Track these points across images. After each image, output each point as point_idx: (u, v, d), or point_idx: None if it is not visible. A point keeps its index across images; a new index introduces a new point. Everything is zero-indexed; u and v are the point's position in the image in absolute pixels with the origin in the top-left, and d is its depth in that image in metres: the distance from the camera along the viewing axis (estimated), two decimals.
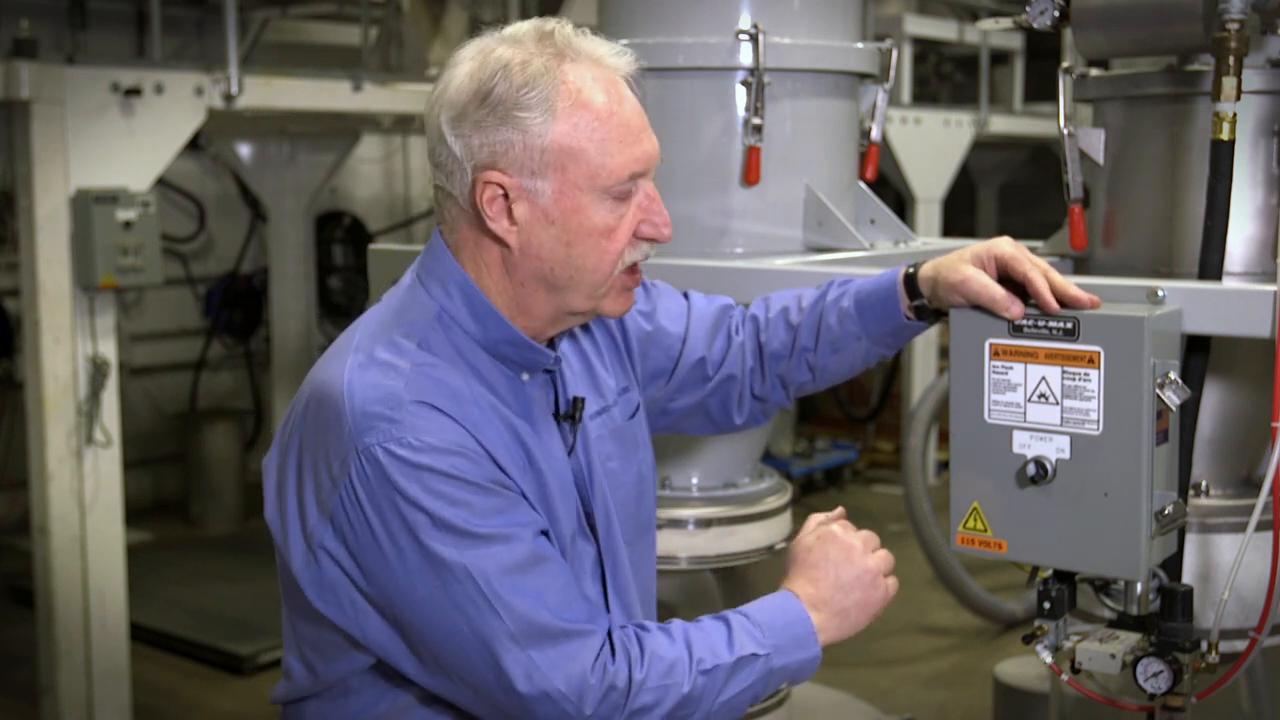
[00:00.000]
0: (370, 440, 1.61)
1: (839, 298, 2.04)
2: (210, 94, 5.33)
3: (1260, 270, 2.45)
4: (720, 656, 1.71)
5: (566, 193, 1.68)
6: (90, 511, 5.10)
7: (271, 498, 1.76)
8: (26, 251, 5.00)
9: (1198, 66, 2.43)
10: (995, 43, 9.32)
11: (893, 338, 2.04)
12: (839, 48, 3.00)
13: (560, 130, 1.67)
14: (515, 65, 1.67)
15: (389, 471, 1.61)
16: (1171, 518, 1.90)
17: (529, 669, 1.62)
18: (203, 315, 9.12)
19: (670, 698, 1.67)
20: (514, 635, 1.61)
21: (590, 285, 1.73)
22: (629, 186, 1.71)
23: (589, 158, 1.68)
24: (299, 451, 1.71)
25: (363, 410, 1.63)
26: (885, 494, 9.13)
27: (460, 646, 1.63)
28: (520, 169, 1.68)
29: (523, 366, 1.77)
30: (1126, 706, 2.35)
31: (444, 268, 1.76)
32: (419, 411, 1.63)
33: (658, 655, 1.69)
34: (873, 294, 2.02)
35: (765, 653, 1.73)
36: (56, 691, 5.11)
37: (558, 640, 1.63)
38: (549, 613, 1.63)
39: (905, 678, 5.93)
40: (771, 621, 1.76)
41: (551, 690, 1.62)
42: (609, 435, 1.90)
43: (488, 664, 1.62)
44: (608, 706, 1.65)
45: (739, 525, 3.19)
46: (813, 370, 2.08)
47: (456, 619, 1.62)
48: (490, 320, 1.74)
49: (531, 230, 1.70)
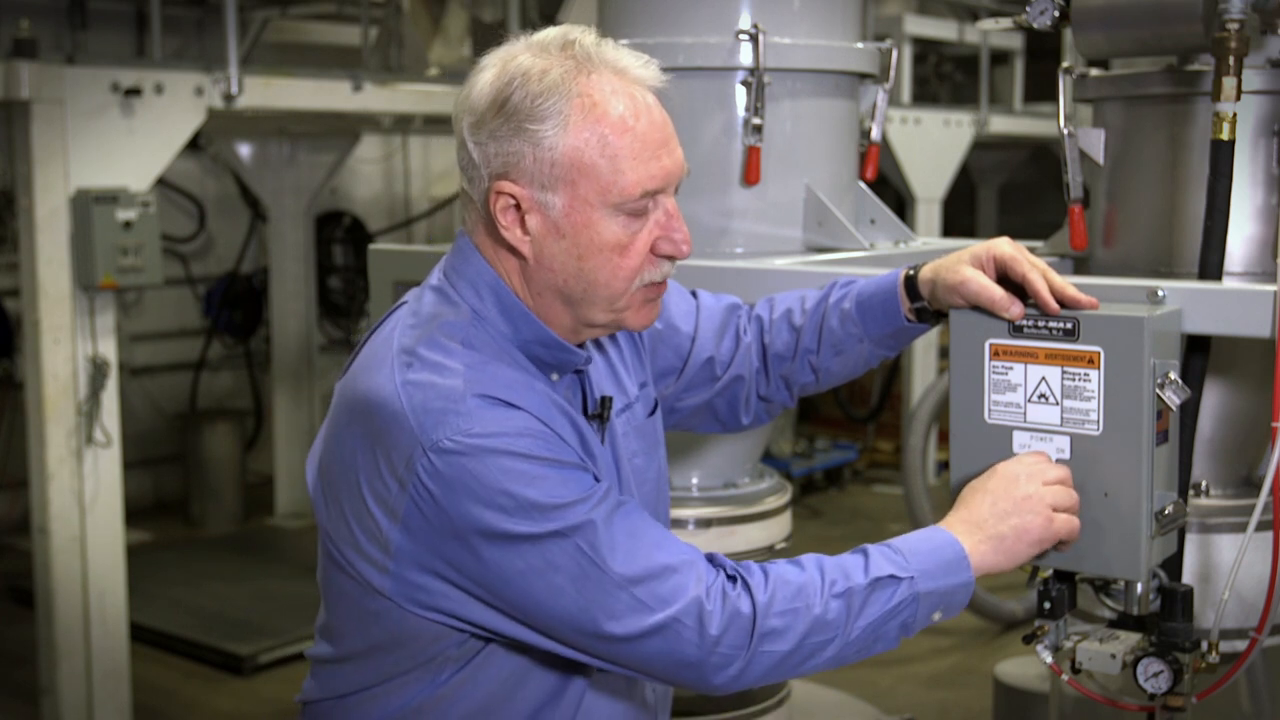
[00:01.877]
0: (438, 435, 1.60)
1: (841, 299, 2.05)
2: (210, 94, 5.33)
3: (1260, 270, 2.45)
4: (854, 579, 1.66)
5: (577, 207, 1.66)
6: (90, 511, 5.10)
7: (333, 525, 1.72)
8: (26, 251, 5.00)
9: (1198, 66, 2.43)
10: (995, 43, 9.32)
11: (894, 339, 2.04)
12: (839, 48, 3.00)
13: (572, 144, 1.64)
14: (534, 74, 1.65)
15: (463, 461, 1.59)
16: (1171, 518, 1.90)
17: (639, 608, 1.60)
18: (203, 315, 9.12)
19: (801, 621, 1.63)
20: (617, 582, 1.60)
21: (606, 300, 1.71)
22: (643, 204, 1.68)
23: (600, 173, 1.65)
24: (346, 468, 1.68)
25: (424, 408, 1.62)
26: (885, 494, 9.13)
27: (566, 609, 1.61)
28: (531, 181, 1.66)
29: (553, 367, 1.76)
30: (1126, 706, 2.35)
31: (474, 269, 1.75)
32: (482, 404, 1.62)
33: (783, 579, 1.65)
34: (874, 296, 2.02)
35: (908, 575, 1.68)
36: (56, 691, 5.11)
37: (661, 575, 1.61)
38: (648, 551, 1.62)
39: (905, 678, 5.93)
40: (916, 547, 1.72)
41: (666, 620, 1.60)
42: (633, 432, 1.90)
43: (596, 615, 1.61)
44: (735, 632, 1.62)
45: (739, 525, 3.19)
46: (815, 371, 2.08)
47: (560, 581, 1.60)
48: (522, 321, 1.73)
49: (544, 242, 1.69)
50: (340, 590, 1.75)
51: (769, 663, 1.65)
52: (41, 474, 5.03)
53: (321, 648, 1.84)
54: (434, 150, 9.65)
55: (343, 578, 1.74)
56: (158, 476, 8.87)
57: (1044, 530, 1.77)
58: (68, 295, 5.01)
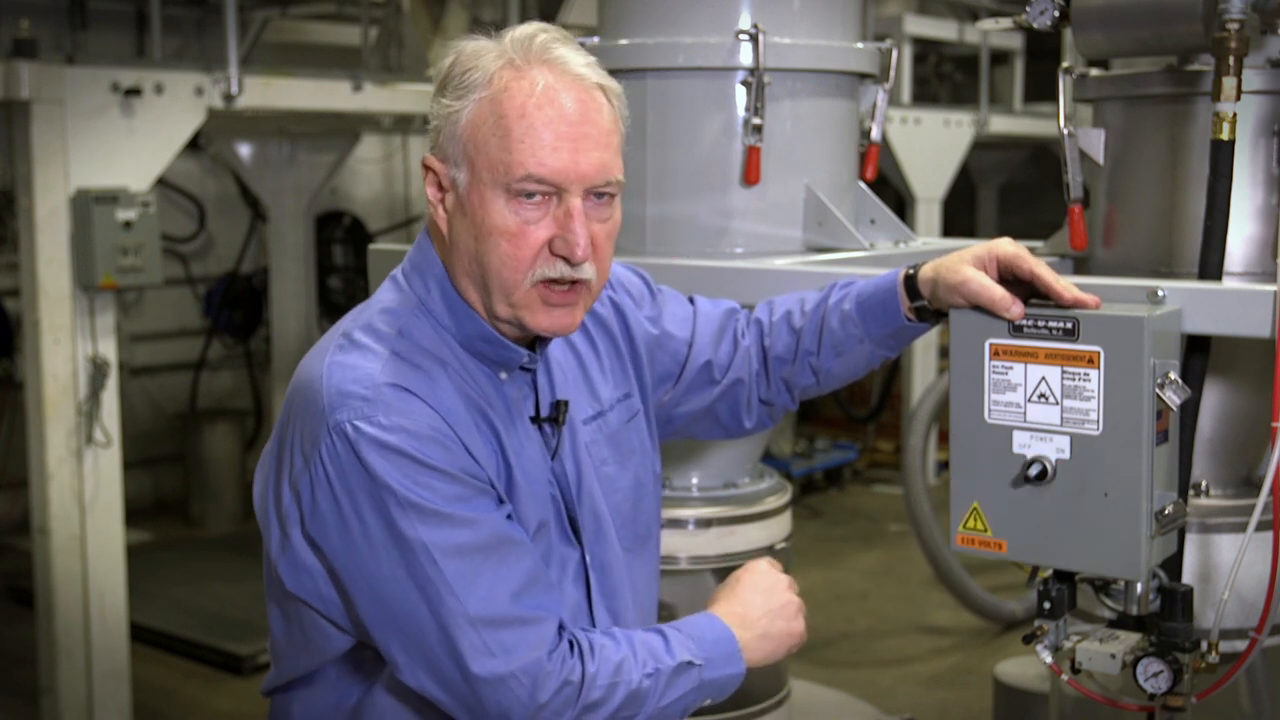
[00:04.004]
0: (341, 417, 1.63)
1: (840, 300, 2.05)
2: (210, 94, 5.33)
3: (1260, 270, 2.45)
4: (662, 661, 1.72)
5: (474, 186, 1.69)
6: (90, 511, 5.10)
7: (258, 489, 1.77)
8: (26, 251, 5.00)
9: (1198, 66, 2.43)
10: (995, 43, 9.32)
11: (894, 339, 2.04)
12: (839, 48, 3.00)
13: (473, 120, 1.68)
14: (469, 53, 1.70)
15: (358, 447, 1.61)
16: (1171, 518, 1.90)
17: (483, 651, 1.62)
18: (203, 315, 9.12)
19: (618, 695, 1.68)
20: (470, 618, 1.62)
21: (501, 290, 1.70)
22: (529, 188, 1.66)
23: (490, 150, 1.67)
24: (279, 441, 1.73)
25: (338, 389, 1.64)
26: (885, 494, 9.13)
27: (418, 626, 1.63)
28: (446, 156, 1.71)
29: (499, 364, 1.77)
30: (1126, 706, 2.35)
31: (426, 261, 1.78)
32: (393, 394, 1.64)
33: (606, 653, 1.70)
34: (873, 296, 2.02)
35: (700, 663, 1.75)
36: (56, 691, 5.10)
37: (513, 625, 1.64)
38: (507, 598, 1.64)
39: (905, 678, 5.93)
40: (701, 635, 1.78)
41: (505, 674, 1.62)
42: (604, 440, 1.90)
43: (444, 645, 1.63)
44: (561, 700, 1.65)
45: (739, 525, 3.19)
46: (816, 373, 2.08)
47: (416, 598, 1.63)
48: (462, 315, 1.75)
49: (454, 221, 1.73)
50: (268, 572, 1.78)
51: None
52: (41, 474, 5.03)
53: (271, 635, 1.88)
54: None
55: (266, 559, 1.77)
56: (158, 476, 8.87)
57: (798, 638, 1.88)
58: (68, 295, 5.01)
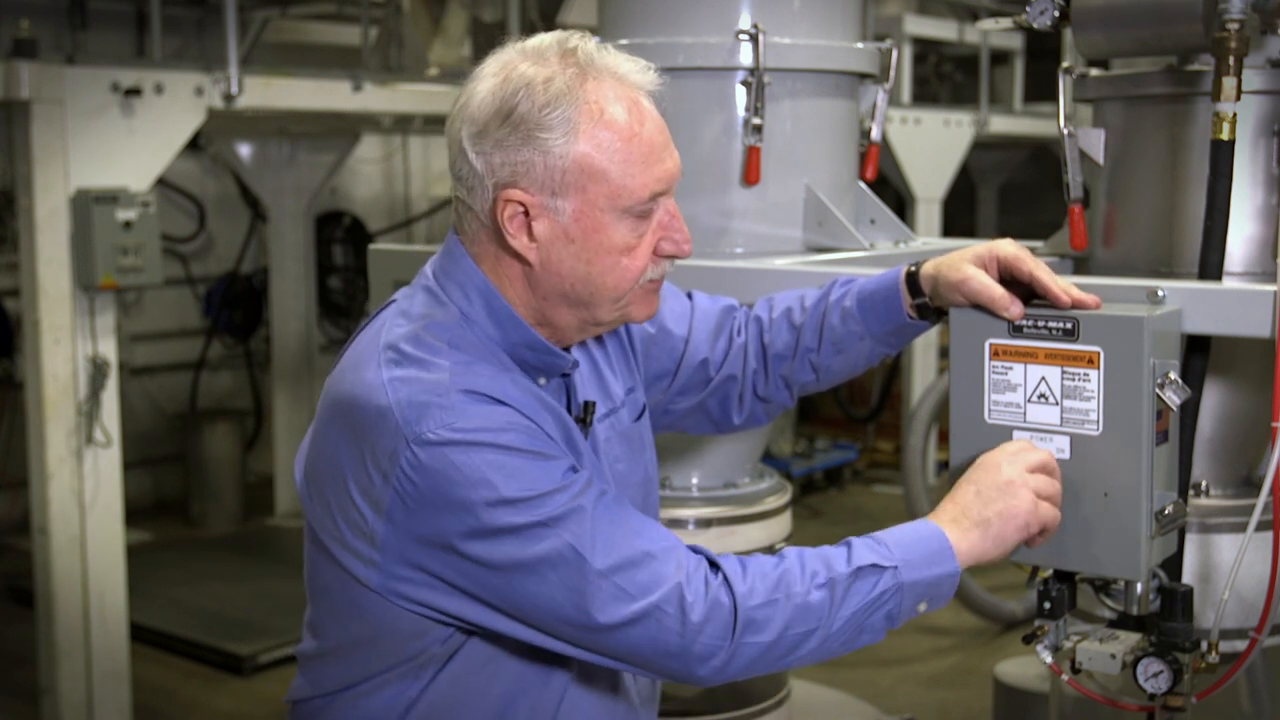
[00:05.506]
0: (422, 428, 1.61)
1: (841, 297, 2.05)
2: (210, 94, 5.33)
3: (1260, 270, 2.45)
4: (834, 569, 1.66)
5: (587, 212, 1.69)
6: (90, 511, 5.10)
7: (314, 510, 1.74)
8: (26, 251, 5.00)
9: (1198, 66, 2.43)
10: (995, 43, 9.32)
11: (895, 336, 2.04)
12: (839, 48, 3.00)
13: (581, 150, 1.66)
14: (538, 83, 1.66)
15: (447, 453, 1.60)
16: (1171, 518, 1.90)
17: (619, 597, 1.61)
18: (203, 315, 9.12)
19: (782, 612, 1.63)
20: (599, 571, 1.61)
21: (611, 300, 1.74)
22: (650, 206, 1.71)
23: (610, 178, 1.68)
24: (331, 463, 1.70)
25: (409, 402, 1.63)
26: (885, 494, 9.13)
27: (551, 594, 1.62)
28: (541, 188, 1.68)
29: (540, 371, 1.78)
30: (1126, 706, 2.35)
31: (463, 272, 1.76)
32: (467, 399, 1.64)
33: (763, 570, 1.66)
34: (875, 293, 2.02)
35: (891, 565, 1.68)
36: (56, 691, 5.10)
37: (642, 564, 1.62)
38: (628, 540, 1.63)
39: (905, 678, 5.93)
40: (900, 539, 1.71)
41: (648, 606, 1.60)
42: (617, 437, 1.91)
43: (578, 604, 1.61)
44: (717, 622, 1.62)
45: (739, 525, 3.19)
46: (816, 370, 2.08)
47: (543, 570, 1.61)
48: (509, 324, 1.75)
49: (552, 247, 1.71)
50: (325, 585, 1.77)
51: (752, 654, 1.65)
52: (41, 474, 5.03)
53: (308, 643, 1.85)
54: (434, 150, 9.65)
55: (327, 573, 1.75)
56: (158, 476, 8.87)
57: (1029, 514, 1.76)
58: (68, 295, 5.01)
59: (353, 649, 1.78)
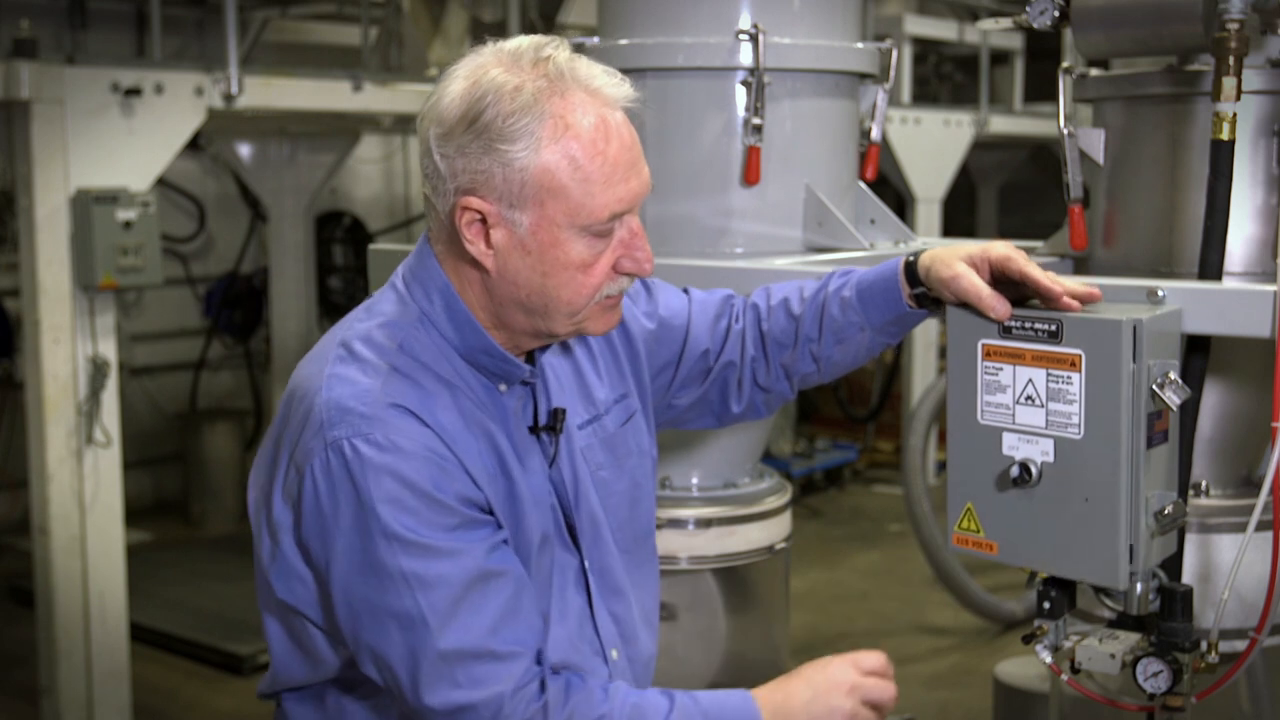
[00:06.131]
0: (338, 434, 1.63)
1: (840, 288, 2.04)
2: (210, 94, 5.33)
3: (1260, 270, 2.45)
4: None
5: (544, 227, 1.66)
6: (90, 511, 5.10)
7: (253, 495, 1.77)
8: (26, 251, 5.00)
9: (1198, 66, 2.43)
10: (995, 43, 9.32)
11: (896, 326, 2.03)
12: (839, 48, 3.00)
13: (542, 165, 1.63)
14: (506, 91, 1.63)
15: (351, 467, 1.61)
16: (1171, 518, 1.90)
17: (448, 682, 1.62)
18: (203, 315, 9.12)
19: None
20: (440, 651, 1.62)
21: (567, 314, 1.72)
22: (609, 225, 1.68)
23: (569, 196, 1.65)
24: (275, 448, 1.73)
25: (336, 404, 1.64)
26: (885, 494, 9.13)
27: (389, 648, 1.64)
28: (500, 198, 1.65)
29: (499, 377, 1.77)
30: (1126, 706, 2.35)
31: (428, 273, 1.76)
32: (392, 413, 1.64)
33: (585, 703, 1.67)
34: (875, 283, 2.01)
35: None
36: (56, 691, 5.10)
37: (484, 659, 1.63)
38: (480, 632, 1.63)
39: (905, 678, 5.92)
40: (721, 708, 1.72)
41: (466, 704, 1.62)
42: (599, 444, 1.90)
43: (410, 671, 1.63)
44: None
45: (739, 525, 3.19)
46: (817, 361, 2.07)
47: (390, 624, 1.63)
48: (467, 329, 1.74)
49: (508, 257, 1.69)
50: (259, 579, 1.79)
51: None
52: (41, 474, 5.03)
53: None
54: None
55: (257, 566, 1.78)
56: (158, 476, 8.87)
57: None
58: (68, 295, 5.01)
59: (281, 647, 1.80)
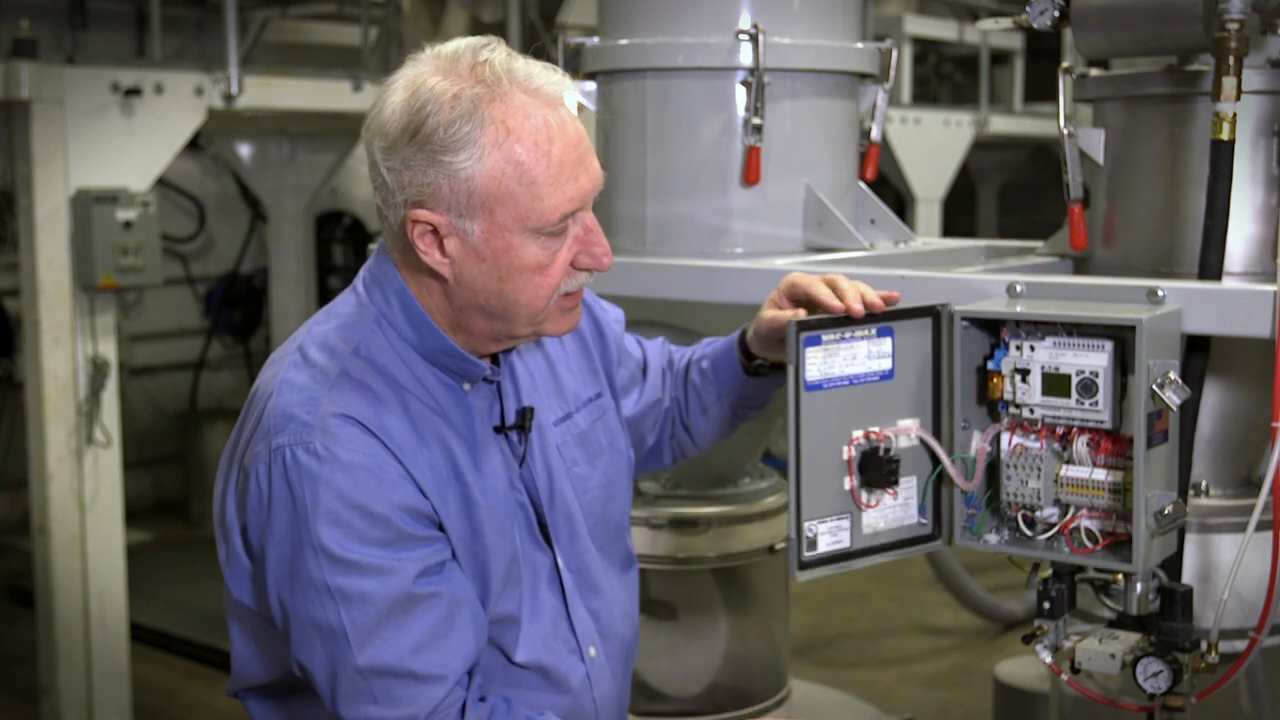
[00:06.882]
0: (281, 441, 1.63)
1: (702, 357, 2.09)
2: (210, 94, 5.33)
3: (1260, 270, 2.45)
4: None
5: (496, 234, 1.65)
6: (90, 511, 5.10)
7: (216, 496, 1.79)
8: (26, 251, 5.00)
9: (1198, 66, 2.43)
10: (995, 43, 9.32)
11: (746, 396, 2.06)
12: (839, 48, 3.00)
13: (487, 173, 1.62)
14: (445, 100, 1.61)
15: (290, 476, 1.62)
16: (1171, 518, 1.90)
17: (364, 697, 1.62)
18: (203, 315, 9.12)
19: None
20: (358, 665, 1.62)
21: (527, 316, 1.71)
22: (562, 225, 1.67)
23: (518, 201, 1.63)
24: (233, 450, 1.74)
25: (283, 411, 1.64)
26: None
27: (312, 658, 1.64)
28: (449, 209, 1.64)
29: (462, 376, 1.76)
30: (1126, 706, 2.35)
31: (384, 275, 1.75)
32: (335, 422, 1.63)
33: None
34: (720, 353, 2.06)
35: None
36: (56, 691, 5.11)
37: (401, 679, 1.63)
38: (402, 652, 1.62)
39: (905, 678, 5.93)
40: None
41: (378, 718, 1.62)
42: (574, 441, 1.90)
43: (330, 682, 1.64)
44: None
45: (739, 525, 3.19)
46: (689, 430, 2.12)
47: (312, 632, 1.63)
48: (424, 329, 1.73)
49: (464, 265, 1.67)
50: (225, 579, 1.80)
51: None
52: (41, 474, 5.03)
53: None
54: None
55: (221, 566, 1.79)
56: (158, 476, 8.87)
57: None
58: (68, 295, 5.01)
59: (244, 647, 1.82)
